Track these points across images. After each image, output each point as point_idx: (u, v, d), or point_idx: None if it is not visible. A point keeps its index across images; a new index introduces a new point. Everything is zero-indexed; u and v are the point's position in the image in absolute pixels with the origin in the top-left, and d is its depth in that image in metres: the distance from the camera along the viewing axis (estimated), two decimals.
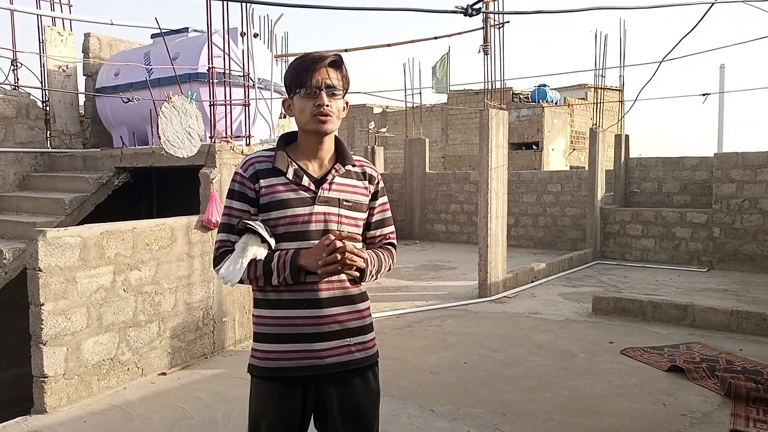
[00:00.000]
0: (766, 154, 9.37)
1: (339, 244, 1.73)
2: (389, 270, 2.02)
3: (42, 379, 3.80)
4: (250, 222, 1.78)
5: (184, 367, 4.74)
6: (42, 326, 3.76)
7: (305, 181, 1.86)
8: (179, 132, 4.75)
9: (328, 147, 1.91)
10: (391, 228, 2.07)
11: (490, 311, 6.79)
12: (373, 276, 1.92)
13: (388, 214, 2.05)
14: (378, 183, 1.99)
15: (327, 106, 1.82)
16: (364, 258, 1.82)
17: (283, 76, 1.96)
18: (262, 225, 1.78)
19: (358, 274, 1.85)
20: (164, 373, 4.58)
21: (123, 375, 4.32)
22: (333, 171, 1.89)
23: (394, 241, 2.08)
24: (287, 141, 1.94)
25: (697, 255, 9.91)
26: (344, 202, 1.88)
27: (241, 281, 1.84)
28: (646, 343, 5.39)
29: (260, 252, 1.79)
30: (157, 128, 4.80)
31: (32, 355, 3.81)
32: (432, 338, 5.68)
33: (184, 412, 3.87)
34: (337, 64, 1.86)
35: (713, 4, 4.69)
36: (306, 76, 1.82)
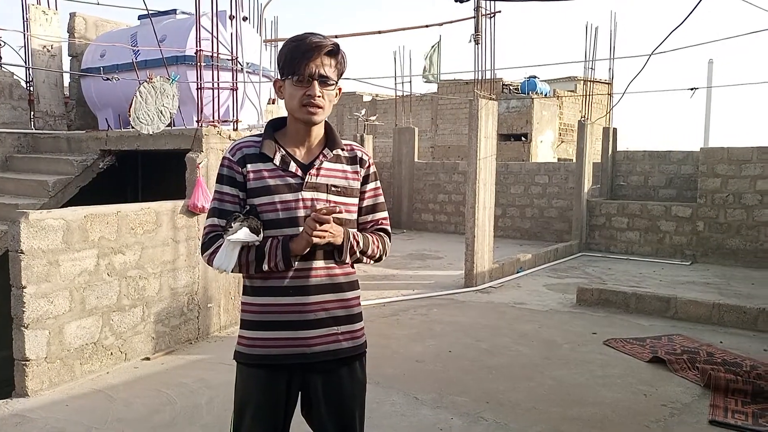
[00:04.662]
0: (751, 150, 9.47)
1: (323, 216, 1.72)
2: (380, 256, 1.95)
3: (23, 363, 3.76)
4: (231, 233, 1.74)
5: (168, 353, 4.72)
6: (24, 309, 3.72)
7: (292, 167, 1.83)
8: (151, 110, 4.71)
9: (317, 133, 1.89)
10: (384, 214, 2.00)
11: (476, 301, 6.82)
12: (355, 254, 1.86)
13: (381, 199, 1.99)
14: (369, 167, 1.95)
15: (319, 96, 1.79)
16: (336, 233, 1.77)
17: (277, 54, 1.91)
18: (246, 228, 1.74)
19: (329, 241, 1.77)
20: (148, 358, 4.56)
21: (106, 359, 4.29)
22: (321, 156, 1.86)
23: (388, 228, 2.01)
24: (275, 127, 1.92)
25: (681, 248, 10.01)
26: (332, 188, 1.85)
27: (233, 269, 1.81)
28: (628, 334, 5.45)
29: (251, 238, 1.76)
30: (130, 107, 4.74)
31: (14, 338, 3.77)
32: (417, 327, 5.70)
33: (168, 397, 3.86)
34: (334, 53, 1.81)
35: None
36: (300, 62, 1.77)
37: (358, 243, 1.86)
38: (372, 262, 1.95)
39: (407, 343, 5.17)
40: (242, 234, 1.73)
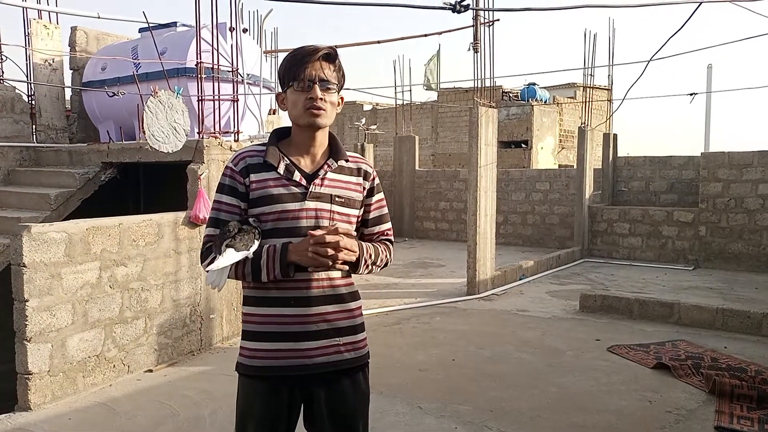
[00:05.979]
0: (752, 154, 9.46)
1: (330, 238, 1.70)
2: (386, 265, 1.98)
3: (26, 376, 3.75)
4: (218, 253, 1.73)
5: (170, 364, 4.71)
6: (26, 322, 3.72)
7: (296, 176, 1.83)
8: (164, 127, 4.71)
9: (321, 142, 1.89)
10: (388, 225, 2.03)
11: (479, 308, 6.80)
12: (368, 267, 1.88)
13: (385, 210, 2.02)
14: (374, 180, 1.96)
15: (320, 99, 1.80)
16: (355, 251, 1.79)
17: (277, 70, 1.94)
18: (231, 249, 1.72)
19: (347, 267, 1.83)
20: (151, 370, 4.55)
21: (109, 372, 4.28)
22: (325, 166, 1.86)
23: (392, 238, 2.05)
24: (280, 136, 1.92)
25: (683, 253, 9.99)
26: (336, 198, 1.85)
27: (228, 277, 1.81)
28: (632, 340, 5.43)
29: (238, 257, 1.73)
30: (142, 123, 4.75)
31: (16, 351, 3.77)
32: (420, 335, 5.68)
33: (171, 410, 3.85)
34: (331, 57, 1.84)
35: (701, 3, 4.72)
36: (299, 68, 1.80)
37: (371, 255, 1.88)
38: (378, 270, 1.98)
39: (410, 351, 5.16)
40: (225, 259, 1.72)
